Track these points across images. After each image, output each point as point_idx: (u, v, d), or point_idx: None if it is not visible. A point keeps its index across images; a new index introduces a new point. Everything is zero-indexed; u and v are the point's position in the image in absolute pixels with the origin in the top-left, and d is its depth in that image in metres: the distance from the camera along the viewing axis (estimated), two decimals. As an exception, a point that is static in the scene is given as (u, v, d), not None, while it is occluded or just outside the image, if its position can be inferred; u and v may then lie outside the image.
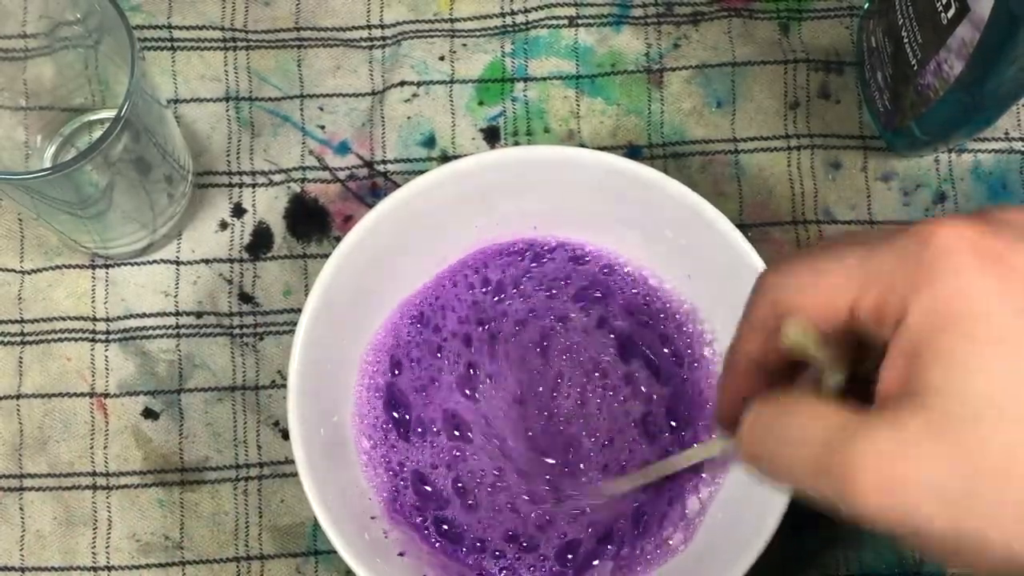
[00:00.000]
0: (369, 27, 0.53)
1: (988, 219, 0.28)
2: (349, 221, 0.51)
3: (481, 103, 0.52)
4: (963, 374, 0.27)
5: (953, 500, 0.27)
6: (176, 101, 0.52)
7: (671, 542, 0.46)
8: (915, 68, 0.46)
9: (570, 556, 0.46)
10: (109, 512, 0.49)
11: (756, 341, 0.32)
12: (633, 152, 0.52)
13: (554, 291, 0.49)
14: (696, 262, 0.47)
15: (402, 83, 0.52)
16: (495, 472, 0.47)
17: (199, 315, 0.50)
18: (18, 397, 0.50)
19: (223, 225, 0.51)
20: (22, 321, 0.50)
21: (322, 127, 0.52)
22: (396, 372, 0.48)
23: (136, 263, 0.51)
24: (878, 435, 0.27)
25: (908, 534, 0.28)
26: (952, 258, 0.27)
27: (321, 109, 0.52)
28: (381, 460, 0.47)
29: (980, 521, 0.27)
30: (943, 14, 0.42)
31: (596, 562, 0.46)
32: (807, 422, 0.29)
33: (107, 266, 0.51)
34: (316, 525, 0.49)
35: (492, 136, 0.52)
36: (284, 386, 0.50)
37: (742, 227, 0.47)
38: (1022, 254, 0.27)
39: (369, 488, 0.47)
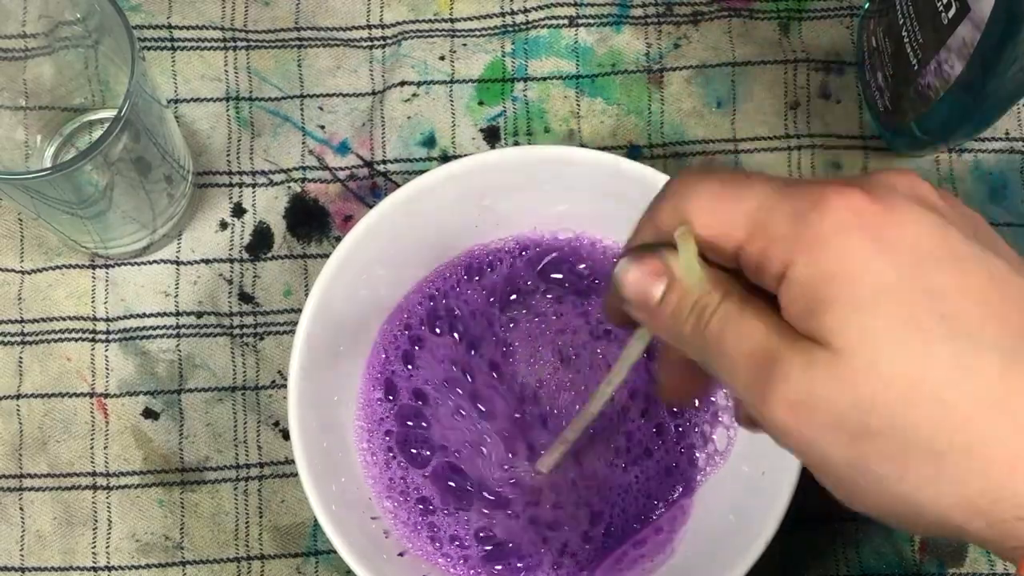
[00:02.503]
0: (369, 27, 0.53)
1: (874, 186, 0.30)
2: (349, 221, 0.51)
3: (481, 103, 0.52)
4: (857, 322, 0.29)
5: (851, 432, 0.29)
6: (176, 101, 0.52)
7: (671, 543, 0.46)
8: (915, 68, 0.46)
9: (570, 556, 0.46)
10: (109, 512, 0.49)
11: (650, 230, 0.34)
12: (633, 152, 0.52)
13: (554, 290, 0.49)
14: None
15: (402, 83, 0.52)
16: (496, 467, 0.47)
17: (199, 315, 0.50)
18: (18, 397, 0.50)
19: (223, 225, 0.51)
20: (22, 321, 0.50)
21: (322, 127, 0.52)
22: (396, 371, 0.48)
23: (136, 263, 0.51)
24: (793, 360, 0.30)
25: (814, 462, 0.31)
26: (839, 228, 0.30)
27: (321, 109, 0.52)
28: (381, 460, 0.47)
29: (873, 458, 0.29)
30: (943, 14, 0.42)
31: (596, 562, 0.46)
32: (751, 332, 0.31)
33: (107, 266, 0.51)
34: (316, 525, 0.49)
35: (492, 136, 0.52)
36: (284, 386, 0.50)
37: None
38: (900, 220, 0.30)
39: (369, 488, 0.47)
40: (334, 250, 0.45)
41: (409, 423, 0.47)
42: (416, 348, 0.48)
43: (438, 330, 0.48)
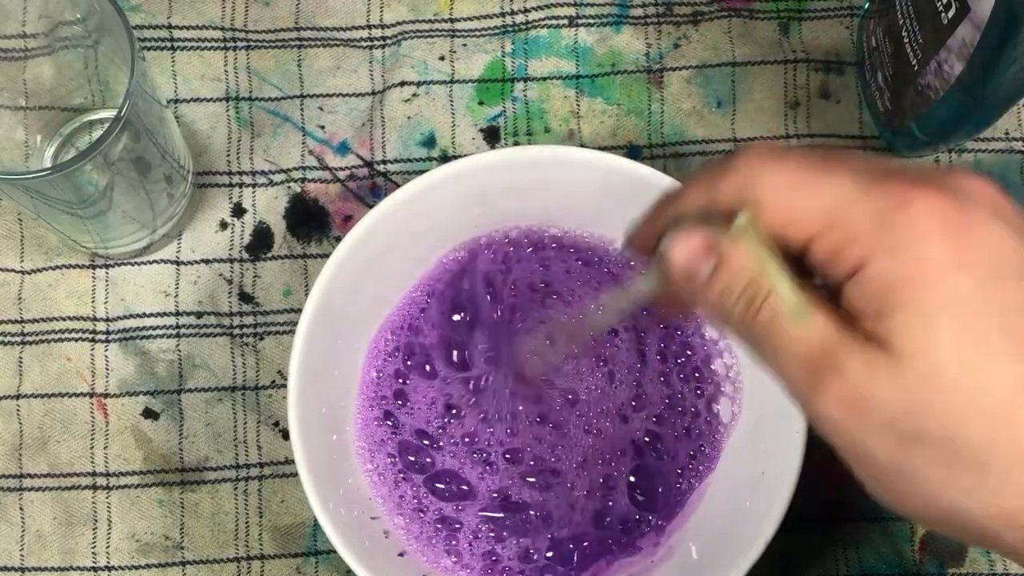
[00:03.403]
0: (369, 27, 0.53)
1: (956, 192, 0.30)
2: (349, 221, 0.51)
3: (481, 103, 0.52)
4: (926, 329, 0.29)
5: (902, 435, 0.30)
6: (176, 101, 0.52)
7: (671, 544, 0.47)
8: (915, 68, 0.46)
9: (573, 558, 0.46)
10: (109, 512, 0.49)
11: (704, 198, 0.33)
12: (633, 152, 0.52)
13: (554, 290, 0.49)
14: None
15: (402, 83, 0.52)
16: (497, 465, 0.47)
17: (199, 315, 0.50)
18: (18, 397, 0.50)
19: (223, 225, 0.51)
20: (22, 321, 0.50)
21: (322, 127, 0.52)
22: (396, 371, 0.48)
23: (136, 263, 0.51)
24: (852, 357, 0.30)
25: (857, 458, 0.31)
26: (921, 233, 0.30)
27: (321, 109, 0.52)
28: (381, 459, 0.47)
29: (920, 462, 0.30)
30: (943, 14, 0.42)
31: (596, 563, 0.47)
32: (807, 328, 0.31)
33: (107, 266, 0.51)
34: (316, 525, 0.49)
35: (492, 136, 0.52)
36: (284, 386, 0.50)
37: (742, 227, 0.47)
38: (981, 234, 0.30)
39: (369, 488, 0.47)
40: (334, 250, 0.45)
41: (410, 432, 0.47)
42: (416, 347, 0.48)
43: (438, 329, 0.48)
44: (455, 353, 0.48)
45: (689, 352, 0.48)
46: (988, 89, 0.43)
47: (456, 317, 0.48)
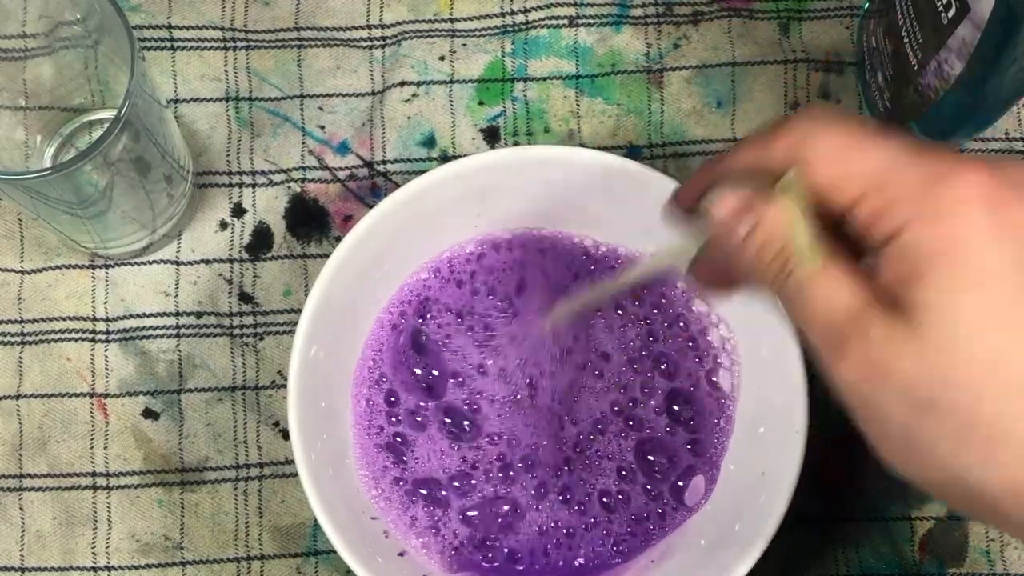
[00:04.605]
0: (369, 27, 0.53)
1: (1005, 175, 0.31)
2: (349, 221, 0.51)
3: (481, 103, 0.52)
4: (952, 300, 0.30)
5: (915, 402, 0.30)
6: (176, 101, 0.52)
7: (671, 543, 0.47)
8: (915, 68, 0.46)
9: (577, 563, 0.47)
10: (109, 512, 0.49)
11: (756, 156, 0.34)
12: (633, 152, 0.52)
13: (554, 290, 0.49)
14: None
15: (402, 83, 0.52)
16: (497, 463, 0.47)
17: (199, 315, 0.50)
18: (18, 397, 0.50)
19: (223, 225, 0.51)
20: (22, 321, 0.50)
21: (322, 127, 0.52)
22: (396, 371, 0.48)
23: (136, 263, 0.51)
24: (873, 325, 0.30)
25: (871, 421, 0.31)
26: (963, 204, 0.30)
27: (321, 109, 0.52)
28: (382, 459, 0.47)
29: (932, 430, 0.30)
30: (943, 14, 0.42)
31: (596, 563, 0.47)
32: (836, 289, 0.31)
33: (107, 266, 0.51)
34: (316, 525, 0.49)
35: (492, 136, 0.52)
36: (284, 386, 0.50)
37: (742, 227, 0.47)
38: (1021, 215, 0.30)
39: (369, 488, 0.47)
40: (334, 250, 0.45)
41: (403, 430, 0.47)
42: (416, 347, 0.48)
43: (437, 330, 0.48)
44: (454, 351, 0.48)
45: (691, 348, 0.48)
46: (988, 89, 0.43)
47: (455, 318, 0.48)
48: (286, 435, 0.50)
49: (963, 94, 0.44)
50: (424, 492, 0.47)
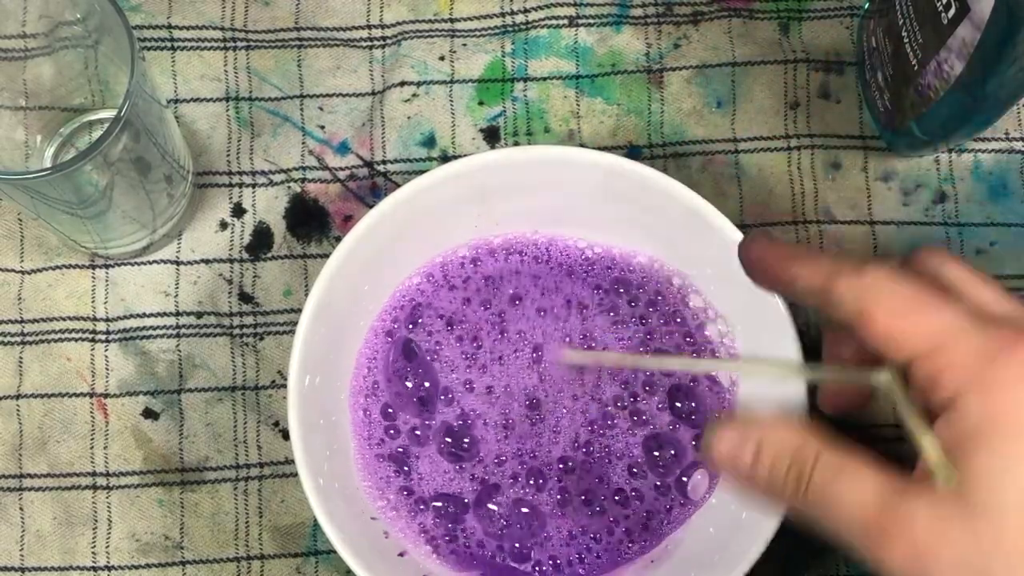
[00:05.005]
0: (369, 27, 0.53)
1: None
2: (349, 221, 0.51)
3: (481, 103, 0.52)
4: (1003, 472, 0.29)
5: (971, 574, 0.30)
6: (176, 101, 0.52)
7: (671, 542, 0.47)
8: (915, 68, 0.46)
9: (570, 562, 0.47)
10: (109, 512, 0.49)
11: (818, 285, 0.34)
12: (633, 152, 0.52)
13: (552, 290, 0.49)
14: (695, 262, 0.47)
15: (402, 83, 0.52)
16: (496, 464, 0.47)
17: (199, 315, 0.50)
18: (18, 397, 0.50)
19: (223, 225, 0.51)
20: (22, 321, 0.50)
21: (322, 127, 0.52)
22: (396, 371, 0.48)
23: (136, 263, 0.51)
24: (918, 509, 0.30)
25: None
26: (1020, 375, 0.30)
27: (321, 109, 0.52)
28: (381, 459, 0.47)
29: None
30: (943, 14, 0.42)
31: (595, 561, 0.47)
32: (861, 485, 0.32)
33: (107, 266, 0.51)
34: (316, 525, 0.49)
35: (492, 136, 0.52)
36: (284, 386, 0.50)
37: (742, 227, 0.47)
38: None
39: (369, 488, 0.47)
40: (334, 250, 0.45)
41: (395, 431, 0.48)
42: (416, 348, 0.48)
43: (436, 329, 0.48)
44: (453, 352, 0.48)
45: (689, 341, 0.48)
46: (988, 89, 0.43)
47: (455, 318, 0.48)
48: (286, 435, 0.50)
49: (963, 94, 0.44)
50: (429, 502, 0.47)
